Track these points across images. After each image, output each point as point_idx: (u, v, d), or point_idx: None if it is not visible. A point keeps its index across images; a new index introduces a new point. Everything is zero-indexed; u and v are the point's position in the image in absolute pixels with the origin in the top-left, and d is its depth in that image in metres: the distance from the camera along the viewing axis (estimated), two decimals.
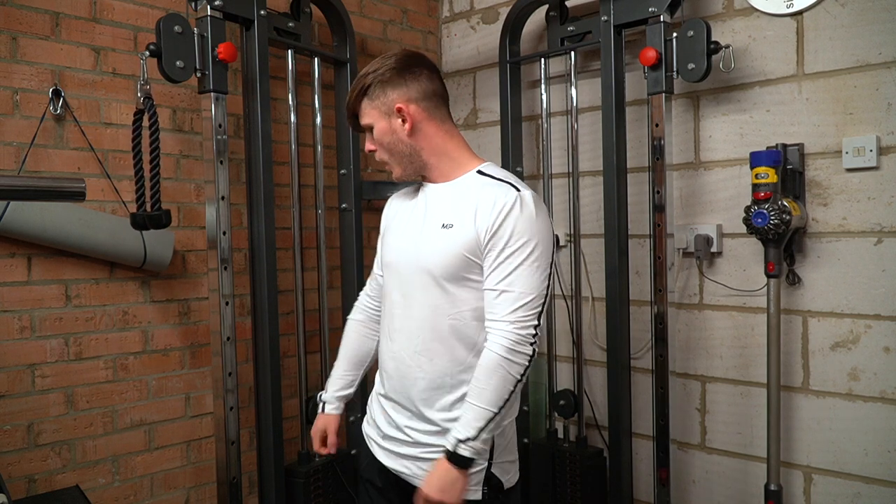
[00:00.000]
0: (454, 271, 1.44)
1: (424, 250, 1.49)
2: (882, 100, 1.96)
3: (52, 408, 2.00)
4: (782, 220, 1.96)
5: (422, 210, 1.55)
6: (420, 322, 1.49)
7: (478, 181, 1.50)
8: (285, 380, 2.40)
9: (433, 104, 1.52)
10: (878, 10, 1.96)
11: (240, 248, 2.33)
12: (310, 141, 2.54)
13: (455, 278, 1.45)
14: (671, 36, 2.15)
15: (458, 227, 1.45)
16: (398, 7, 2.93)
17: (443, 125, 1.54)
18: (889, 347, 1.99)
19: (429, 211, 1.53)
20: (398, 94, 1.50)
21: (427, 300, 1.48)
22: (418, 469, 1.49)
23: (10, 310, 1.93)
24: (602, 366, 2.50)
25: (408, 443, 1.52)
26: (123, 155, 2.12)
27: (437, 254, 1.46)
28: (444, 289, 1.46)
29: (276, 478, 2.21)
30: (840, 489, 2.08)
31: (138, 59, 1.93)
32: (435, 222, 1.50)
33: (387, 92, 1.51)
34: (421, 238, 1.51)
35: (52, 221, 1.92)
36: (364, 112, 1.54)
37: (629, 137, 2.39)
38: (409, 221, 1.58)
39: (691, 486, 2.40)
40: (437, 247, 1.47)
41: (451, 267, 1.44)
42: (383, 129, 1.52)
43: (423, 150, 1.53)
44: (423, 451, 1.50)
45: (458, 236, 1.44)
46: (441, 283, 1.46)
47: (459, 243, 1.44)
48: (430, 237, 1.49)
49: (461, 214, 1.45)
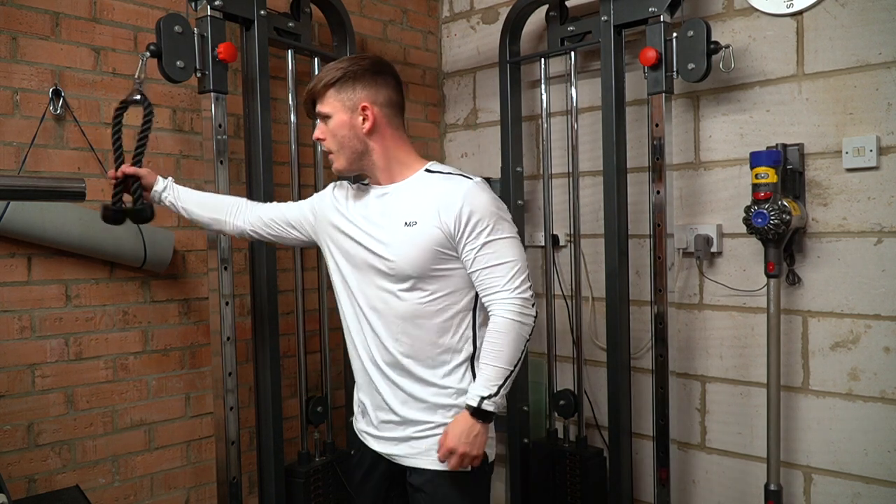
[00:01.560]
0: (423, 264, 1.51)
1: (390, 248, 1.54)
2: (882, 100, 1.96)
3: (52, 408, 2.00)
4: (782, 220, 1.96)
5: (377, 212, 1.60)
6: (390, 316, 1.56)
7: (430, 178, 1.58)
8: (285, 380, 2.40)
9: (393, 112, 1.61)
10: (877, 10, 1.97)
11: (240, 248, 2.33)
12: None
13: (424, 271, 1.52)
14: (671, 36, 2.15)
15: (422, 223, 1.52)
16: (398, 7, 2.93)
17: (397, 132, 1.61)
18: (889, 347, 1.99)
19: (385, 211, 1.58)
20: (366, 93, 1.57)
21: (397, 296, 1.55)
22: (410, 449, 1.59)
23: (10, 310, 1.93)
24: (602, 366, 2.50)
25: (399, 423, 1.59)
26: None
27: (405, 249, 1.52)
28: (412, 283, 1.53)
29: (276, 478, 2.21)
30: (840, 489, 2.08)
31: (139, 58, 1.92)
32: (396, 221, 1.55)
33: (356, 89, 1.57)
34: (384, 238, 1.55)
35: (52, 221, 1.92)
36: (326, 101, 1.58)
37: (629, 137, 2.39)
38: (364, 224, 1.60)
39: (691, 486, 2.40)
40: (403, 243, 1.53)
41: (420, 260, 1.51)
42: (342, 123, 1.57)
43: (374, 150, 1.59)
44: (415, 430, 1.58)
45: (424, 231, 1.51)
46: (409, 276, 1.52)
47: (426, 237, 1.51)
48: (393, 235, 1.54)
49: (423, 210, 1.52)
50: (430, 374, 1.56)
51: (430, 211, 1.52)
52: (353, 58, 1.62)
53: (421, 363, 1.56)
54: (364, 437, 1.69)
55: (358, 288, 1.61)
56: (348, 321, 1.66)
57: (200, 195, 1.89)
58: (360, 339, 1.63)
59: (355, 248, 1.60)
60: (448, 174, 1.58)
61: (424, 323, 1.55)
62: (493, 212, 1.52)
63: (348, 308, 1.65)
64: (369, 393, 1.64)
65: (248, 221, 1.82)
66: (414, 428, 1.57)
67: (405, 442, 1.59)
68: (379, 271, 1.56)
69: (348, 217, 1.64)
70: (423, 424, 1.56)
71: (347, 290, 1.64)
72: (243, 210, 1.84)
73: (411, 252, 1.51)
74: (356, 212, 1.63)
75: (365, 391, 1.66)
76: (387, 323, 1.57)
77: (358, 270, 1.60)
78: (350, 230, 1.62)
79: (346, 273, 1.63)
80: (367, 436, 1.68)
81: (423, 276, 1.53)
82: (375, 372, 1.60)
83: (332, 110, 1.58)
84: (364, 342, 1.62)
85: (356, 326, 1.64)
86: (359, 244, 1.59)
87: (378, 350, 1.59)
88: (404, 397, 1.58)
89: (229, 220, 1.83)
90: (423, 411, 1.56)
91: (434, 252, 1.51)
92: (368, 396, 1.65)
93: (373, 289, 1.58)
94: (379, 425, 1.63)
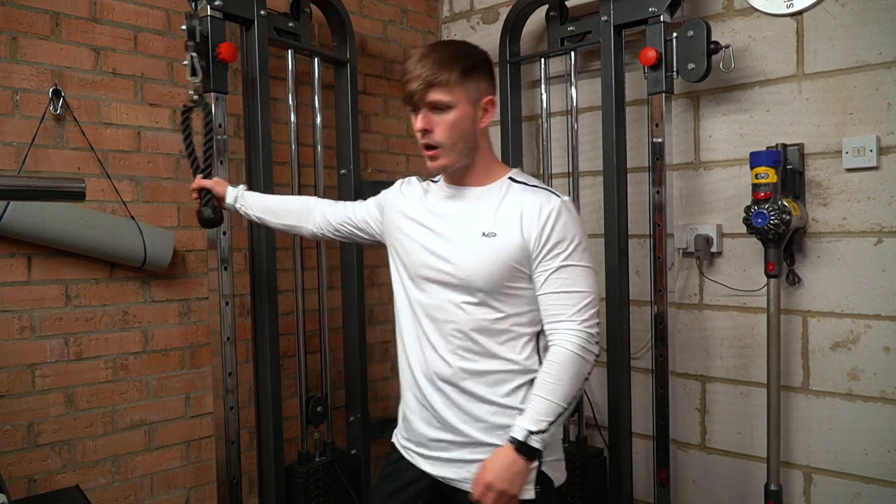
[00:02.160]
0: (497, 279, 1.42)
1: (462, 258, 1.44)
2: (882, 100, 1.96)
3: (52, 408, 2.00)
4: (782, 220, 1.96)
5: (451, 216, 1.49)
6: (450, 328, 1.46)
7: (514, 188, 1.48)
8: (285, 380, 2.40)
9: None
10: (877, 10, 1.96)
11: (240, 248, 2.33)
12: (310, 141, 2.54)
13: (496, 287, 1.42)
14: (671, 36, 2.15)
15: (501, 235, 1.42)
16: (398, 7, 2.93)
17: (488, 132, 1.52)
18: (889, 347, 1.99)
19: (462, 217, 1.47)
20: (489, 86, 1.47)
21: (461, 308, 1.44)
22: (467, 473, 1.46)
23: (10, 310, 1.93)
24: (602, 366, 2.50)
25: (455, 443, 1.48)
26: (123, 155, 2.13)
27: (479, 261, 1.42)
28: (480, 297, 1.43)
29: (276, 478, 2.21)
30: (840, 489, 2.08)
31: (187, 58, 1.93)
32: (472, 229, 1.45)
33: (481, 80, 1.46)
34: (457, 245, 1.45)
35: (52, 221, 1.92)
36: (452, 89, 1.42)
37: (629, 137, 2.39)
38: (435, 227, 1.50)
39: (691, 486, 2.40)
40: (478, 254, 1.42)
41: (494, 274, 1.41)
42: (465, 115, 1.44)
43: (480, 149, 1.49)
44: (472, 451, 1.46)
45: (502, 245, 1.41)
46: (479, 290, 1.43)
47: (504, 251, 1.41)
48: (468, 244, 1.44)
49: (504, 223, 1.42)
50: (491, 392, 1.45)
51: (512, 224, 1.42)
52: (471, 45, 1.48)
53: (481, 380, 1.45)
54: (410, 455, 1.57)
55: (417, 295, 1.50)
56: (404, 331, 1.55)
57: (270, 201, 1.86)
58: (416, 351, 1.52)
59: (420, 251, 1.50)
60: (534, 187, 1.48)
61: (487, 339, 1.44)
62: (575, 236, 1.42)
63: (405, 316, 1.54)
64: (419, 409, 1.53)
65: (318, 225, 1.77)
66: (470, 449, 1.46)
67: (461, 464, 1.47)
68: (444, 279, 1.46)
69: (415, 218, 1.53)
70: (481, 447, 1.45)
71: (406, 296, 1.53)
72: (314, 213, 1.78)
73: (486, 265, 1.41)
74: (425, 213, 1.53)
75: (414, 407, 1.54)
76: (445, 335, 1.46)
77: (419, 276, 1.50)
78: (415, 232, 1.52)
79: (405, 278, 1.53)
80: (413, 454, 1.56)
81: (493, 292, 1.43)
82: (430, 387, 1.49)
83: (455, 101, 1.42)
84: (420, 355, 1.51)
85: (412, 337, 1.53)
86: (424, 248, 1.49)
87: (435, 364, 1.48)
88: (463, 416, 1.46)
89: (304, 226, 1.79)
90: (482, 432, 1.46)
91: (510, 268, 1.42)
92: (418, 413, 1.53)
93: (434, 297, 1.47)
94: (429, 444, 1.51)
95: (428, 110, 1.44)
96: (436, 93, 1.41)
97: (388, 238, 1.62)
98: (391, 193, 1.65)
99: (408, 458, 1.58)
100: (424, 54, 1.44)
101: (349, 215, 1.74)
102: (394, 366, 2.85)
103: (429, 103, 1.43)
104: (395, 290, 1.58)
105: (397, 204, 1.61)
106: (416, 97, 1.43)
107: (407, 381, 1.56)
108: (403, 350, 1.56)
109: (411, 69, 1.43)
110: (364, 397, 2.55)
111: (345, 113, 2.54)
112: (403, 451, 1.60)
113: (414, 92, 1.42)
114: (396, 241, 1.57)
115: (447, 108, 1.43)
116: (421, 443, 1.54)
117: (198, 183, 1.90)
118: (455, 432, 1.48)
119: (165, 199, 2.22)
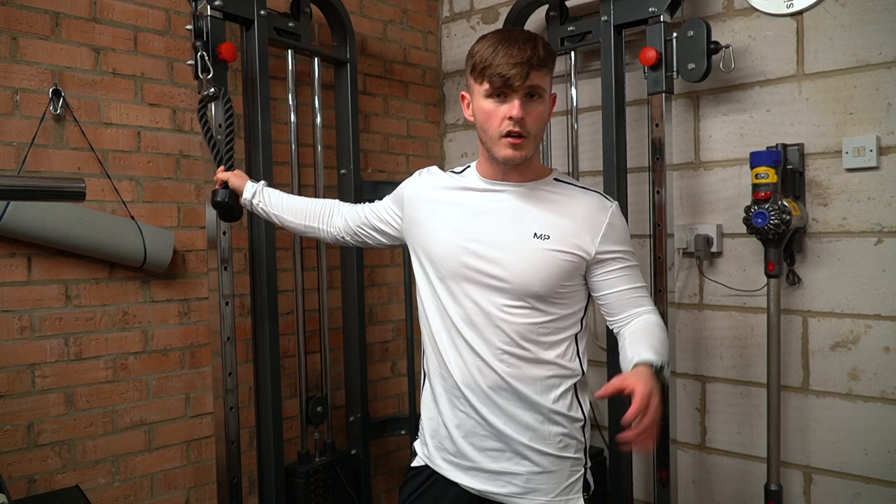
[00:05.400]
0: (552, 282, 1.38)
1: (511, 261, 1.38)
2: (882, 100, 1.96)
3: (52, 408, 2.00)
4: (782, 220, 1.96)
5: (493, 213, 1.41)
6: (492, 334, 1.40)
7: (563, 189, 1.44)
8: (285, 380, 2.40)
9: None
10: (878, 10, 1.96)
11: (240, 248, 2.32)
12: (310, 141, 2.54)
13: (550, 290, 1.38)
14: (671, 36, 2.15)
15: (555, 238, 1.38)
16: (398, 7, 2.93)
17: None
18: (889, 347, 1.99)
19: (509, 216, 1.40)
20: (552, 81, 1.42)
21: (506, 311, 1.39)
22: (513, 488, 1.43)
23: (10, 310, 1.93)
24: (602, 366, 2.50)
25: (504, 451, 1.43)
26: (123, 155, 2.13)
27: (532, 265, 1.37)
28: (530, 301, 1.39)
29: (276, 478, 2.21)
30: (840, 489, 2.08)
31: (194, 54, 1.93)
32: (521, 230, 1.38)
33: (552, 73, 1.41)
34: (503, 247, 1.39)
35: (52, 221, 1.92)
36: (546, 76, 1.37)
37: (629, 137, 2.39)
38: (472, 224, 1.42)
39: (691, 486, 2.40)
40: (530, 258, 1.37)
41: (550, 278, 1.37)
42: (549, 106, 1.41)
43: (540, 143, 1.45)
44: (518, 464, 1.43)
45: (558, 248, 1.38)
46: (529, 294, 1.38)
47: (560, 255, 1.37)
48: (518, 246, 1.38)
49: (559, 225, 1.38)
50: (541, 397, 1.41)
51: (568, 227, 1.38)
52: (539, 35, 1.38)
53: (530, 387, 1.40)
54: (447, 469, 1.50)
55: (451, 299, 1.42)
56: (437, 337, 1.46)
57: (291, 200, 1.79)
58: (455, 358, 1.43)
59: (455, 250, 1.41)
60: (583, 188, 1.46)
61: (533, 344, 1.40)
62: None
63: (437, 321, 1.46)
64: (461, 419, 1.45)
65: (338, 229, 1.72)
66: (517, 460, 1.42)
67: (508, 477, 1.43)
68: (488, 282, 1.38)
69: (445, 213, 1.45)
70: (524, 459, 1.42)
71: (436, 298, 1.46)
72: (335, 217, 1.72)
73: (540, 270, 1.36)
74: (459, 207, 1.44)
75: (451, 416, 1.46)
76: (488, 341, 1.40)
77: (455, 276, 1.41)
78: (447, 228, 1.43)
79: (434, 278, 1.45)
80: (452, 466, 1.49)
81: (546, 296, 1.38)
82: (474, 396, 1.42)
83: (547, 89, 1.37)
84: (460, 362, 1.43)
85: (448, 344, 1.44)
86: (461, 246, 1.40)
87: (481, 372, 1.41)
88: (514, 425, 1.42)
89: (323, 228, 1.73)
90: (531, 440, 1.42)
91: (565, 273, 1.38)
92: (459, 423, 1.45)
93: (474, 301, 1.40)
94: (474, 455, 1.45)
95: (522, 96, 1.33)
96: (536, 77, 1.33)
97: (410, 236, 1.53)
98: (411, 186, 1.56)
99: (442, 472, 1.51)
100: (520, 38, 1.33)
101: (367, 218, 1.66)
102: (394, 366, 2.88)
103: (529, 87, 1.33)
104: (422, 291, 1.50)
105: (421, 195, 1.52)
106: (515, 81, 1.31)
107: (441, 389, 1.48)
108: (437, 357, 1.48)
109: (506, 51, 1.31)
110: (364, 397, 2.56)
111: (345, 113, 2.55)
112: (435, 466, 1.52)
113: (513, 76, 1.30)
114: (422, 237, 1.48)
115: (541, 95, 1.36)
116: (463, 453, 1.46)
117: (221, 175, 1.85)
118: (504, 440, 1.43)
119: (165, 199, 2.22)
